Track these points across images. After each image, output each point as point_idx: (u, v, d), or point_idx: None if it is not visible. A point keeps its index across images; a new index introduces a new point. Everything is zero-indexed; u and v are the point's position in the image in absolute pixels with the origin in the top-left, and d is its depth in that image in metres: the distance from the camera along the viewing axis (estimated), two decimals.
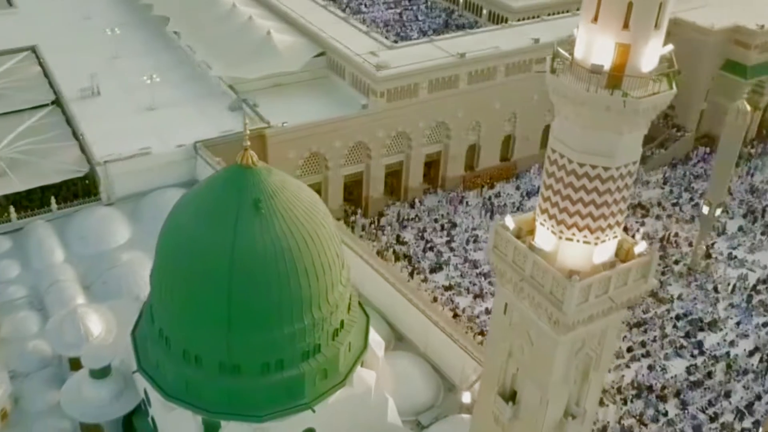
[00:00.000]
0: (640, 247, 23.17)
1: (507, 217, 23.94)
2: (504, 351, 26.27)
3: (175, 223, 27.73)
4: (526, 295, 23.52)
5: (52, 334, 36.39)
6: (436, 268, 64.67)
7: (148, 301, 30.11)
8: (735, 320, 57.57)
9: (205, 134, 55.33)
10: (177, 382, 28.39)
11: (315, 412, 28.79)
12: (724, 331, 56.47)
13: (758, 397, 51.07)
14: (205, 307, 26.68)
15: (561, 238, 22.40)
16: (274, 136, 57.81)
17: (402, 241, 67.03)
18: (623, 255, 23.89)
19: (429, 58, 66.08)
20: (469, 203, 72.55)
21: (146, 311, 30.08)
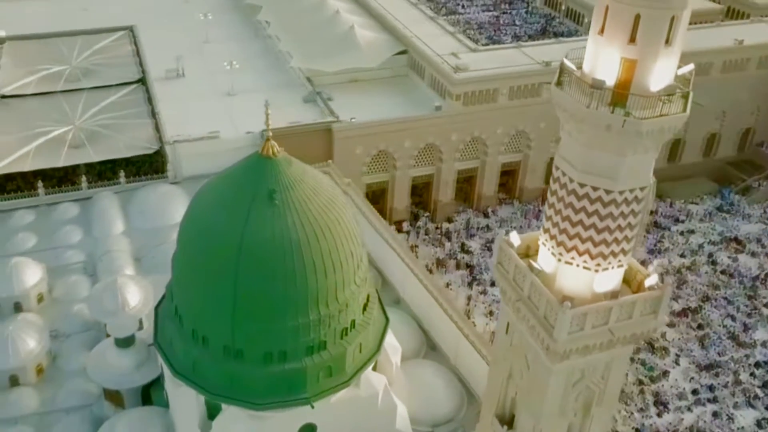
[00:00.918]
0: (651, 280, 21.91)
1: (512, 234, 23.30)
2: (504, 372, 25.61)
3: (195, 207, 28.93)
4: (523, 316, 22.81)
5: (93, 300, 38.81)
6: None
7: (171, 280, 31.47)
8: None
9: (275, 123, 56.71)
10: (185, 360, 29.58)
11: (314, 407, 29.11)
12: None
13: None
14: (213, 291, 27.65)
15: (560, 260, 21.55)
16: (341, 131, 58.71)
17: (467, 250, 66.31)
18: (635, 287, 22.71)
19: (512, 64, 64.88)
20: None
21: (168, 289, 31.47)
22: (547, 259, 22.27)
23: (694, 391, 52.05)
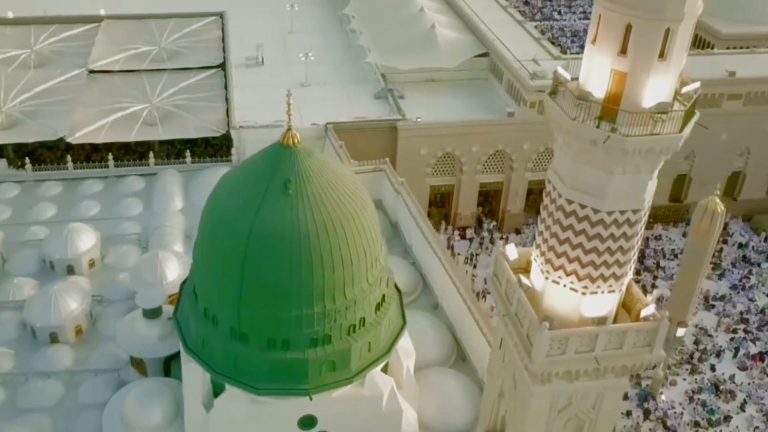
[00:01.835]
0: (647, 310, 20.89)
1: (509, 246, 22.80)
2: (496, 388, 25.19)
3: (217, 190, 30.10)
4: (510, 332, 22.29)
5: (135, 271, 41.12)
6: None
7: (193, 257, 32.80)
8: None
9: (341, 117, 58.04)
10: (197, 337, 30.80)
11: (312, 399, 29.50)
12: None
13: None
14: (223, 273, 28.65)
15: (548, 278, 20.91)
16: (406, 130, 58.93)
17: None
18: (635, 316, 21.69)
19: None
20: None
21: (191, 267, 32.81)
22: (537, 275, 21.65)
23: None
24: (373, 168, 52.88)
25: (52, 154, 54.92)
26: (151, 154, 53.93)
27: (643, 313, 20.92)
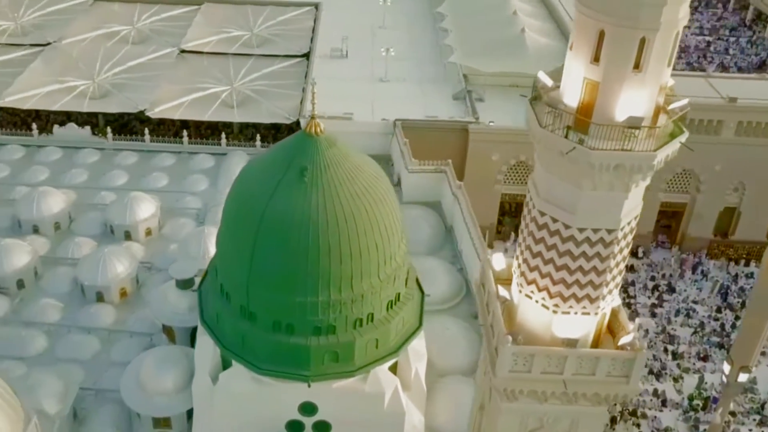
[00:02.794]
0: (625, 339, 19.95)
1: (496, 255, 22.35)
2: (478, 401, 24.73)
3: (242, 172, 31.37)
4: (485, 344, 21.89)
5: (183, 244, 43.27)
6: None
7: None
8: None
9: (415, 114, 58.25)
10: (212, 311, 32.23)
11: (310, 386, 30.13)
12: None
13: None
14: (237, 251, 29.87)
15: (521, 292, 20.37)
16: (477, 133, 58.33)
17: None
18: (616, 344, 20.75)
19: (690, 95, 59.41)
20: (705, 273, 64.39)
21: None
22: (515, 288, 21.13)
23: None
24: (434, 169, 52.84)
25: (144, 127, 58.60)
26: (223, 135, 56.38)
27: (621, 341, 19.96)
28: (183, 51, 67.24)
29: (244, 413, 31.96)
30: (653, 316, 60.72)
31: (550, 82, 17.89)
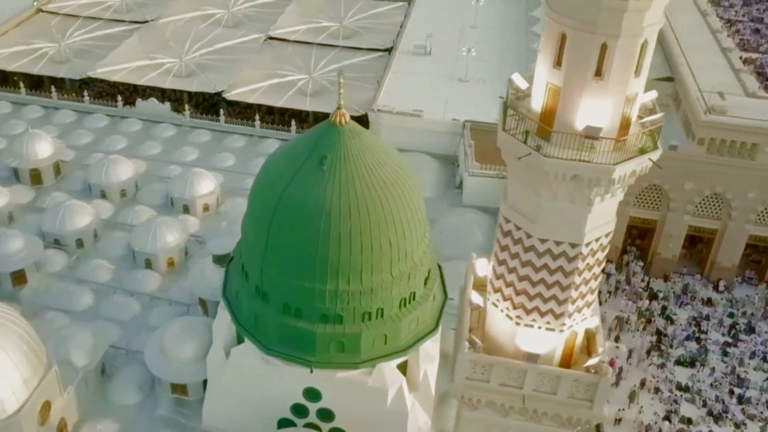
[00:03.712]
0: (591, 361, 19.22)
1: (480, 260, 22.12)
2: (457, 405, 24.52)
3: (269, 158, 32.51)
4: (454, 349, 21.72)
5: (231, 222, 45.03)
6: (686, 362, 56.24)
7: None
8: None
9: (483, 117, 57.59)
10: (233, 289, 33.57)
11: (312, 372, 30.83)
12: None
13: None
14: (254, 233, 31.19)
15: (488, 299, 20.07)
16: None
17: (667, 316, 59.63)
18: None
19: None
20: None
21: None
22: (488, 296, 20.84)
23: None
24: (495, 174, 52.10)
25: (232, 109, 61.28)
26: (293, 122, 58.04)
27: (588, 362, 19.28)
28: (270, 38, 69.66)
29: (252, 390, 33.09)
30: (725, 354, 57.10)
31: (524, 85, 17.51)
